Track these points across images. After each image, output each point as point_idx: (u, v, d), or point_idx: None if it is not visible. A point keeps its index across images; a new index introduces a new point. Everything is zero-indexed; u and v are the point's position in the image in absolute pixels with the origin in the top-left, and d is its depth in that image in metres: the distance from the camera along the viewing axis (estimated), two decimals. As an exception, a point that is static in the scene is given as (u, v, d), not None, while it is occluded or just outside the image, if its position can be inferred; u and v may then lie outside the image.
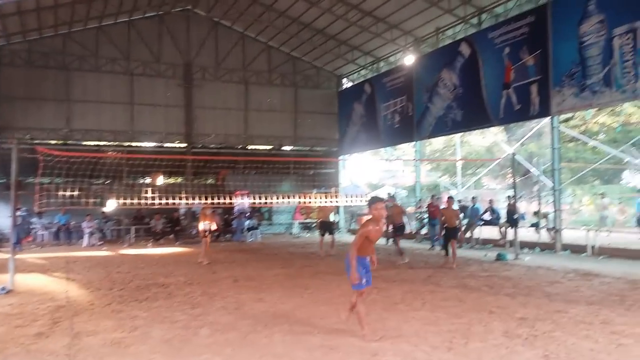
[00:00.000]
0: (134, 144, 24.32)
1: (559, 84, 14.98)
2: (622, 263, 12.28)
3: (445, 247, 12.58)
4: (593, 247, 13.89)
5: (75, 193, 16.29)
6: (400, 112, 22.57)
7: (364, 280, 5.89)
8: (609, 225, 17.78)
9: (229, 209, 22.28)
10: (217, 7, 24.35)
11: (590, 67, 14.05)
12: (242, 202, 22.20)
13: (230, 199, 19.94)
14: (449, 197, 13.42)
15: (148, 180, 23.35)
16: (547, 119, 16.34)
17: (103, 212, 21.46)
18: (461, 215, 18.08)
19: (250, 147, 26.62)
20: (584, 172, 24.48)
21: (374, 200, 5.94)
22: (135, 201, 16.90)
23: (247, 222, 21.83)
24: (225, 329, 6.47)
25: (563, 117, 18.38)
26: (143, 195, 17.52)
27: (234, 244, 19.76)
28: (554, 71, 15.14)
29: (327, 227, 15.37)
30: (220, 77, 25.93)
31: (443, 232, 12.71)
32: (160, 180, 23.48)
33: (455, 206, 14.40)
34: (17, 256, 10.84)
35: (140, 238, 20.92)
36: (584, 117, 26.32)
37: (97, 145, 23.53)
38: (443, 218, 12.70)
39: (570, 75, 14.63)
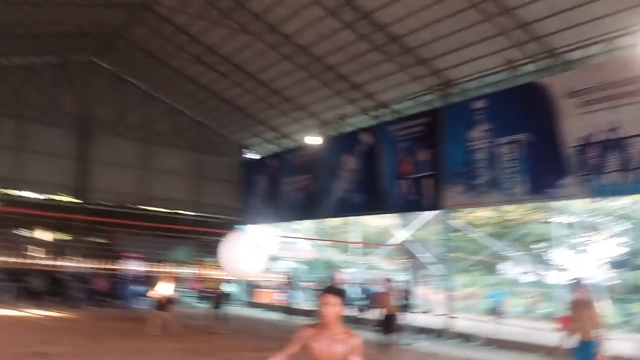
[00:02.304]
0: (16, 193, 22.59)
1: (450, 180, 16.41)
2: (510, 354, 13.13)
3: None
4: (483, 337, 14.72)
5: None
6: (304, 190, 23.22)
7: None
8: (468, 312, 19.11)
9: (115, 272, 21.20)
10: (123, 62, 24.01)
11: (478, 169, 15.58)
12: (131, 266, 21.27)
13: (117, 261, 19.07)
14: (386, 279, 12.19)
15: (31, 234, 21.66)
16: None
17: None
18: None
19: (148, 208, 25.71)
20: (468, 263, 26.33)
21: (325, 292, 3.70)
22: (14, 259, 15.67)
23: (135, 288, 20.80)
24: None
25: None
26: (25, 251, 16.30)
27: (119, 311, 18.62)
28: (446, 169, 16.60)
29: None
30: (121, 133, 25.11)
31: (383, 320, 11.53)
32: (48, 236, 21.88)
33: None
34: None
35: (19, 298, 19.12)
36: (468, 211, 28.62)
37: (-26, 193, 21.60)
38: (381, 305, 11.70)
39: (460, 175, 16.11)
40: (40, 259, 15.46)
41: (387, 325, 11.20)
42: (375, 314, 11.74)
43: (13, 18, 17.96)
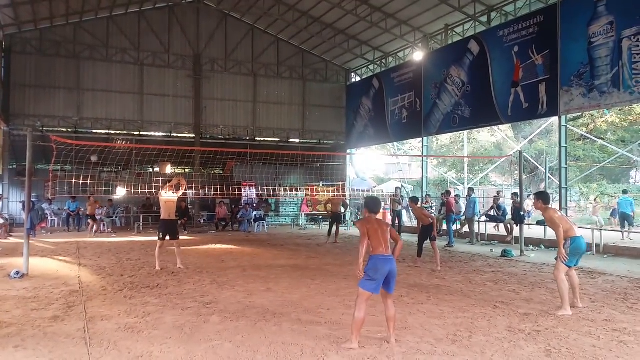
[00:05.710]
0: (143, 133, 24.54)
1: (568, 83, 15.06)
2: (627, 262, 12.24)
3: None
4: (598, 245, 13.91)
5: (86, 181, 16.43)
6: (408, 108, 22.68)
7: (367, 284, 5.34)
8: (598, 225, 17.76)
9: (236, 200, 22.52)
10: (227, 0, 24.44)
11: (599, 68, 14.13)
12: (249, 193, 22.44)
13: (238, 190, 20.13)
14: (411, 198, 12.33)
15: (156, 169, 23.59)
16: (555, 117, 16.45)
17: (110, 200, 21.70)
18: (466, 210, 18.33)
19: (258, 139, 26.82)
20: (591, 171, 24.54)
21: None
22: (143, 190, 17.09)
23: (254, 213, 22.03)
24: (235, 316, 6.60)
25: (571, 115, 18.47)
26: (152, 184, 17.69)
27: (240, 235, 19.96)
28: (563, 71, 15.24)
29: (337, 218, 16.65)
30: (229, 69, 26.07)
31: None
32: (169, 169, 23.71)
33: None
34: (30, 241, 11.02)
35: (149, 226, 21.15)
36: (593, 116, 26.34)
37: (107, 134, 23.76)
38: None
39: (579, 76, 14.72)
40: (196, 190, 16.52)
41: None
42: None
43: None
